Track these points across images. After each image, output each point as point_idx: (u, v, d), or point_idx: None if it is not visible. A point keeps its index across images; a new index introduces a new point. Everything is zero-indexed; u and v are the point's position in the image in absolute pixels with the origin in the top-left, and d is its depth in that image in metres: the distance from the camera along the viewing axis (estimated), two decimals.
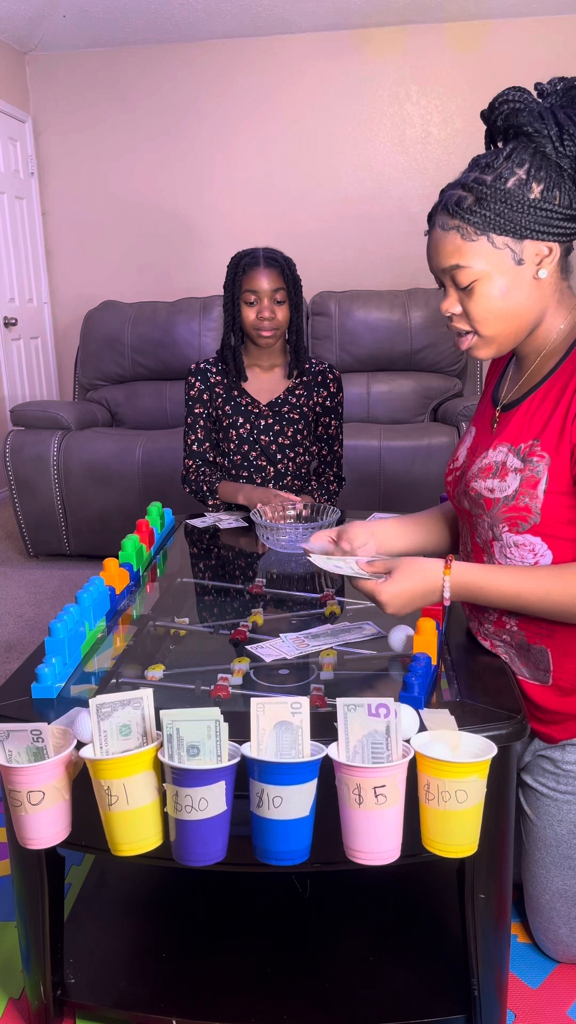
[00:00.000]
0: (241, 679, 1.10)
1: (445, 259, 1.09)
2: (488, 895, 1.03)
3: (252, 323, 1.93)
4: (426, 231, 1.13)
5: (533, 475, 1.09)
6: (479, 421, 1.27)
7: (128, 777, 0.86)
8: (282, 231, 4.53)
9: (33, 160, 4.61)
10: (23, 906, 1.10)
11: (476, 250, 1.06)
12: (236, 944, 1.23)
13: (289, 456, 2.02)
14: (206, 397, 2.02)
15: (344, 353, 3.72)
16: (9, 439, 3.28)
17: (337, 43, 4.29)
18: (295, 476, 2.06)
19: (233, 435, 2.01)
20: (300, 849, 0.87)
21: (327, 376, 2.06)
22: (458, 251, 1.07)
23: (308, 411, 2.04)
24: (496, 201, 1.04)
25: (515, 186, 1.04)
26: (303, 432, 2.03)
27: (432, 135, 4.38)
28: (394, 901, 1.31)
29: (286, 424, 2.01)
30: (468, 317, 1.11)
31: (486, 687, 1.06)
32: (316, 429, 2.08)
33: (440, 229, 1.09)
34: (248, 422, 2.00)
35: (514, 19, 4.14)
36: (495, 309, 1.09)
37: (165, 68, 4.44)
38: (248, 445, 2.01)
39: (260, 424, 2.00)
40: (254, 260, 1.92)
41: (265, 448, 2.01)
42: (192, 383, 2.03)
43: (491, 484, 1.14)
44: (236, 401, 2.01)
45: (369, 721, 0.85)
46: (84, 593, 1.22)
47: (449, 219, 1.07)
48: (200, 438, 2.05)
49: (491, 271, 1.07)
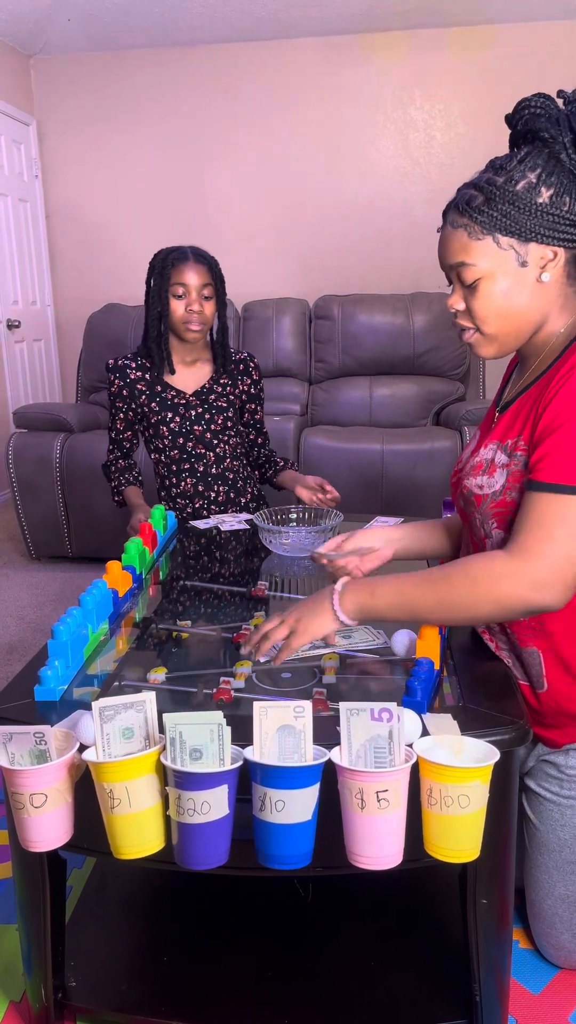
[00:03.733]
0: (243, 682, 1.10)
1: (452, 256, 1.11)
2: (490, 900, 1.03)
3: (181, 317, 1.94)
4: (439, 227, 1.15)
5: (518, 470, 1.10)
6: (484, 423, 1.28)
7: (131, 780, 0.86)
8: (285, 234, 4.54)
9: (37, 163, 4.62)
10: (24, 909, 1.11)
11: (481, 249, 1.08)
12: (237, 947, 1.23)
13: (223, 439, 2.05)
14: (126, 393, 2.03)
15: (347, 357, 3.72)
16: (12, 441, 3.28)
17: (341, 47, 4.30)
18: (233, 458, 2.08)
19: (165, 431, 2.02)
20: (302, 853, 0.87)
21: (248, 364, 2.10)
22: (464, 249, 1.09)
23: (235, 399, 2.08)
24: (504, 202, 1.05)
25: (524, 189, 1.05)
26: (232, 419, 2.07)
27: (435, 139, 4.38)
28: (396, 905, 1.31)
29: (216, 412, 2.04)
30: (471, 314, 1.13)
31: (489, 692, 1.06)
32: (243, 416, 2.13)
33: (450, 226, 1.11)
34: (177, 415, 2.02)
35: (517, 24, 4.14)
36: (496, 308, 1.10)
37: (169, 72, 4.45)
38: (183, 438, 2.02)
39: (191, 415, 2.02)
40: (183, 255, 1.94)
41: (200, 437, 2.03)
42: (111, 380, 2.04)
43: (480, 481, 1.16)
44: (161, 397, 2.02)
45: (372, 725, 0.85)
46: (87, 595, 1.22)
47: (459, 217, 1.09)
48: (120, 428, 2.07)
49: (495, 271, 1.08)
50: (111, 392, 2.05)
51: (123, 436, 2.09)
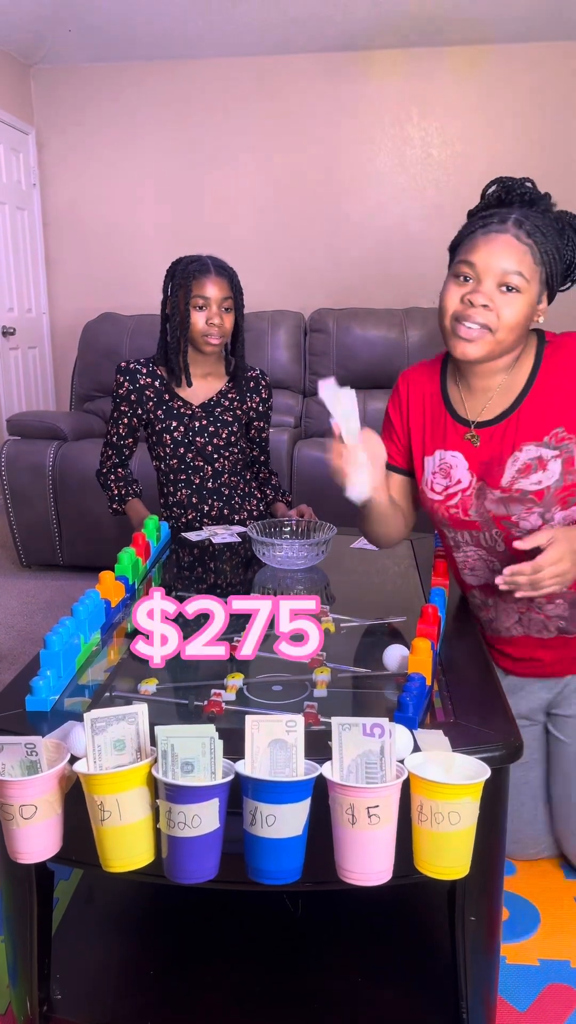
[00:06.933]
0: (234, 695, 1.10)
1: (513, 263, 1.25)
2: (479, 917, 1.03)
3: (201, 329, 1.93)
4: (484, 221, 1.29)
5: (570, 455, 1.30)
6: (451, 444, 1.41)
7: (121, 792, 0.86)
8: (282, 246, 4.56)
9: (35, 171, 4.63)
10: (11, 920, 1.10)
11: (533, 272, 1.27)
12: (225, 961, 1.23)
13: (225, 455, 2.05)
14: (133, 398, 2.01)
15: (341, 370, 3.73)
16: (5, 448, 3.28)
17: (339, 64, 4.34)
18: (231, 473, 2.08)
19: (167, 439, 2.01)
20: (292, 868, 0.86)
21: (259, 383, 2.09)
22: (522, 262, 1.25)
23: (242, 415, 2.07)
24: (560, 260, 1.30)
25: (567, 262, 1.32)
26: (237, 435, 2.06)
27: (432, 156, 4.41)
28: (385, 922, 1.31)
29: (220, 426, 2.03)
30: (495, 315, 1.26)
31: (480, 709, 1.06)
32: (249, 432, 2.12)
33: (515, 238, 1.26)
34: (182, 424, 2.01)
35: (514, 44, 4.19)
36: (516, 319, 1.27)
37: (168, 84, 4.48)
38: (184, 448, 2.02)
39: (194, 426, 2.02)
40: (204, 267, 1.92)
41: (200, 449, 2.02)
42: (120, 382, 2.01)
43: (537, 477, 1.32)
44: (168, 405, 2.01)
45: (363, 741, 0.85)
46: (80, 606, 1.22)
47: (526, 237, 1.26)
48: (121, 433, 2.06)
49: (531, 293, 1.27)
50: (118, 394, 2.02)
51: (123, 443, 2.07)
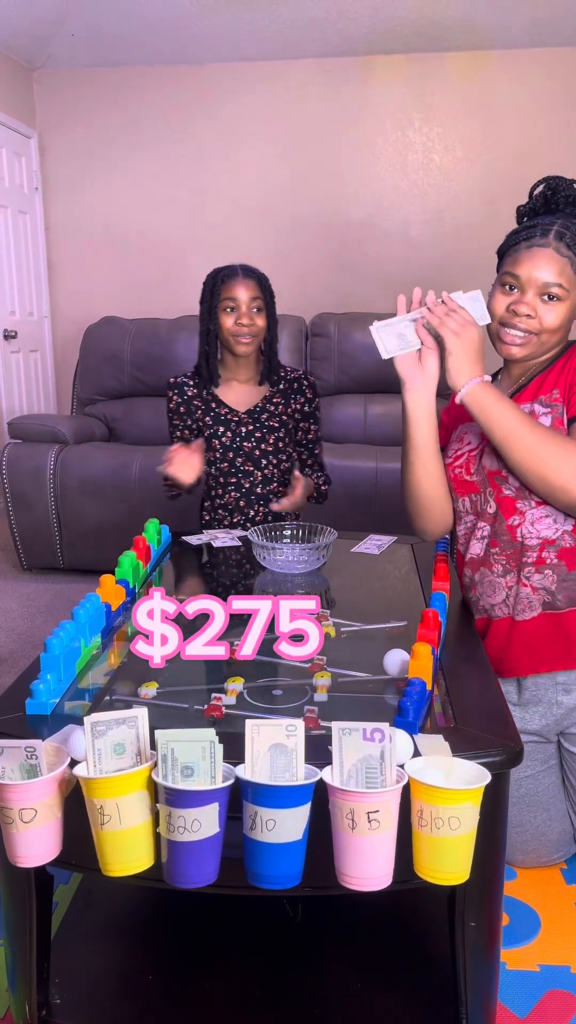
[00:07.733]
0: (235, 699, 1.10)
1: (553, 275, 1.36)
2: (478, 922, 1.02)
3: (231, 330, 1.95)
4: (527, 233, 1.39)
5: (560, 417, 1.39)
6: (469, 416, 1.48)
7: (121, 796, 0.86)
8: (283, 251, 4.56)
9: (37, 175, 4.64)
10: (10, 924, 1.10)
11: (572, 281, 1.38)
12: (224, 966, 1.22)
13: (272, 462, 2.05)
14: (183, 410, 2.06)
15: (342, 374, 3.74)
16: (6, 452, 3.28)
17: (341, 69, 4.35)
18: (281, 483, 2.08)
19: (216, 444, 2.04)
20: (292, 873, 0.86)
21: (303, 383, 2.10)
22: (562, 273, 1.36)
23: (287, 418, 2.08)
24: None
25: None
26: (284, 440, 2.07)
27: (434, 161, 4.42)
28: (384, 927, 1.30)
29: (267, 432, 2.04)
30: (538, 322, 1.38)
31: (481, 713, 1.06)
32: (296, 435, 2.12)
33: (555, 251, 1.36)
34: (229, 430, 2.03)
35: (516, 50, 4.20)
36: (558, 323, 1.39)
37: (170, 89, 4.49)
38: (233, 452, 2.04)
39: (242, 431, 2.04)
40: (232, 272, 1.97)
41: (249, 454, 2.04)
42: (170, 396, 2.07)
43: None
44: (215, 412, 2.05)
45: (364, 745, 0.85)
46: (80, 609, 1.22)
47: (565, 249, 1.36)
48: (183, 440, 2.08)
49: (571, 299, 1.39)
50: (169, 408, 2.09)
51: None
